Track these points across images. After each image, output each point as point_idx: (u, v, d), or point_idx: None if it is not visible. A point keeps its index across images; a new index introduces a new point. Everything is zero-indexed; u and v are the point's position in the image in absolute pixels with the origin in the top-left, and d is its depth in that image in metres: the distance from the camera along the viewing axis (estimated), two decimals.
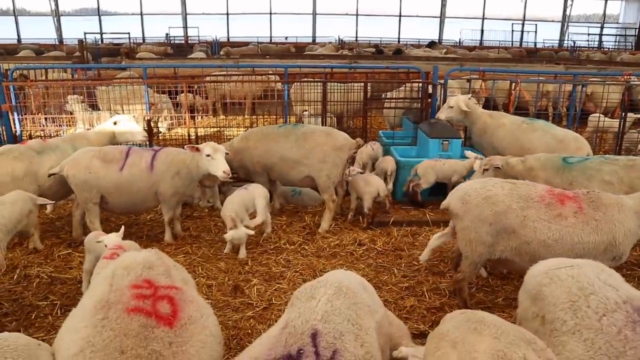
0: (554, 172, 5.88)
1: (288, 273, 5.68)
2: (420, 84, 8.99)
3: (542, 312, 3.15)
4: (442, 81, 8.84)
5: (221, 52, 23.35)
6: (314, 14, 37.51)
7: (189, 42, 32.17)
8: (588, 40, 38.97)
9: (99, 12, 38.37)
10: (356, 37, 37.17)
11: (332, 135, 6.90)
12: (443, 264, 5.97)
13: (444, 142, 7.54)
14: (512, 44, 37.31)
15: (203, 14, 37.75)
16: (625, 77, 9.67)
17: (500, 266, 5.41)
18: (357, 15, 38.21)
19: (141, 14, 38.04)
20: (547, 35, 38.63)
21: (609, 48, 37.50)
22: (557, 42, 38.09)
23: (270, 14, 37.96)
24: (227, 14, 38.30)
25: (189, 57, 20.41)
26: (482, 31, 38.54)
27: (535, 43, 37.85)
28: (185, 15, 36.99)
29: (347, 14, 38.36)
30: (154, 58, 18.85)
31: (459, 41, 35.64)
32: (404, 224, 7.00)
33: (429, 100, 8.66)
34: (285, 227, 6.97)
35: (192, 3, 37.37)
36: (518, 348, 2.54)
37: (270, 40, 35.52)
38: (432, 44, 27.78)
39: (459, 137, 7.74)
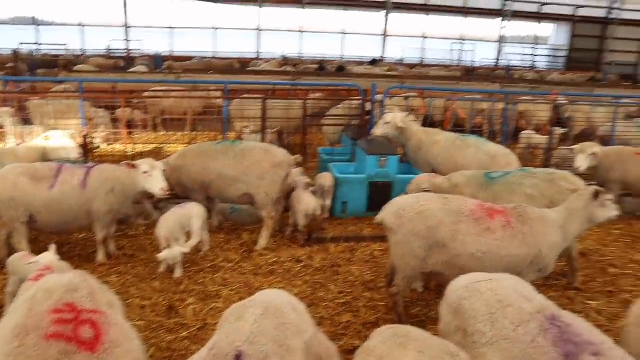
0: (479, 188, 6.09)
1: (224, 292, 5.63)
2: (359, 102, 9.15)
3: (463, 325, 3.26)
4: (382, 97, 9.03)
5: (164, 66, 23.01)
6: (259, 29, 37.60)
7: (131, 55, 31.51)
8: (522, 60, 40.89)
9: (35, 22, 37.03)
10: (300, 53, 37.50)
11: (270, 152, 6.92)
12: (379, 280, 6.06)
13: (382, 158, 7.69)
14: (451, 63, 38.66)
15: (146, 27, 37.09)
16: (554, 96, 10.19)
17: (433, 279, 5.56)
18: (301, 32, 38.56)
19: (81, 25, 36.98)
20: (485, 55, 40.20)
21: (541, 68, 39.51)
22: (494, 61, 39.66)
23: (215, 28, 37.76)
24: (171, 27, 37.85)
25: (129, 71, 20.01)
26: (423, 49, 39.69)
27: (472, 62, 39.32)
28: (127, 27, 36.23)
29: (291, 31, 38.62)
30: (92, 71, 18.36)
31: (401, 59, 36.57)
32: (341, 239, 7.08)
33: (368, 117, 8.83)
34: (223, 244, 6.91)
35: (135, 15, 36.66)
36: None
37: (214, 55, 35.26)
38: (374, 62, 28.37)
39: (396, 153, 7.91)
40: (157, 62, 26.00)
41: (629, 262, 7.12)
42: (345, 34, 39.13)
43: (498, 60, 39.54)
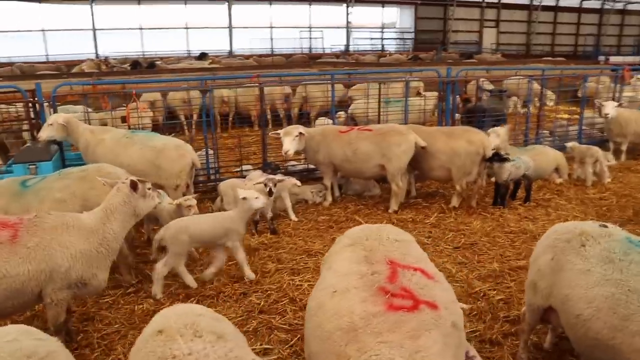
0: (11, 199, 5.23)
1: None
2: (25, 105, 7.94)
3: None
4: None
5: None
6: (94, 29, 35.24)
7: None
8: (372, 45, 41.68)
9: None
10: (143, 51, 35.79)
11: None
12: None
13: (31, 166, 6.74)
14: (302, 51, 38.50)
15: None
16: (254, 78, 9.77)
17: None
18: (141, 29, 36.75)
19: None
20: (334, 42, 40.49)
21: (391, 51, 40.48)
22: (344, 47, 40.03)
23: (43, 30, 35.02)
24: None
25: None
26: (272, 39, 39.25)
27: (323, 49, 39.46)
28: None
29: (130, 29, 36.68)
30: None
31: (231, 51, 35.88)
32: None
33: (39, 121, 7.76)
34: None
35: None
36: None
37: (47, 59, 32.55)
38: (202, 56, 27.32)
39: (48, 159, 6.95)
40: None
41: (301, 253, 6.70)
42: (188, 28, 37.73)
43: (348, 46, 39.92)
